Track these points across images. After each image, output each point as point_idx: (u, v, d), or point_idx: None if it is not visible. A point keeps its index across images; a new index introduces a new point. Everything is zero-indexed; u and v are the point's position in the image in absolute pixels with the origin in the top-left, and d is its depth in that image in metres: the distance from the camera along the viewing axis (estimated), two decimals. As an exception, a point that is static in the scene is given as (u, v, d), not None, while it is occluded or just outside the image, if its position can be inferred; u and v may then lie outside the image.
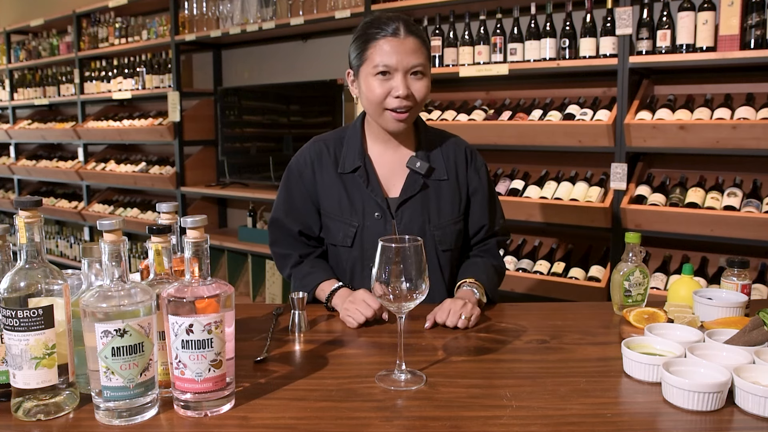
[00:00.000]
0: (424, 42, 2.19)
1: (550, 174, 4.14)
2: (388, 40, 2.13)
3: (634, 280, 2.09)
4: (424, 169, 2.26)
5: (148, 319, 1.35)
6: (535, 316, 2.17)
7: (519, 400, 1.46)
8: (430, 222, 2.28)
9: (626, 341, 1.66)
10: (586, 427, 1.34)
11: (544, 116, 3.94)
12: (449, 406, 1.44)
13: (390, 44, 2.13)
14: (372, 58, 2.15)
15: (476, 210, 2.38)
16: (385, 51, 2.13)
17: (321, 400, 1.47)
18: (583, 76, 4.08)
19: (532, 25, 3.96)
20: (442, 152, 2.33)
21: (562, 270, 3.91)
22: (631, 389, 1.54)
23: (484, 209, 2.38)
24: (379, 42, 2.14)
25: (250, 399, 1.48)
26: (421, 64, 2.15)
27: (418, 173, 2.27)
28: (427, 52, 2.20)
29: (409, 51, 2.13)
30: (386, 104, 2.17)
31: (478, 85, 4.53)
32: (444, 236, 2.30)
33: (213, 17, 5.85)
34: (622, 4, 3.58)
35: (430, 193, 2.29)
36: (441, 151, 2.33)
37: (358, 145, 2.29)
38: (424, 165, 2.26)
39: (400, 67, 2.13)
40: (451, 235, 2.31)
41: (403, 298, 1.51)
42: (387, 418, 1.38)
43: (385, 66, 2.13)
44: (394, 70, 2.13)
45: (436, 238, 2.29)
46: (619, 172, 3.65)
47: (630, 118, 3.58)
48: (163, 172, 6.31)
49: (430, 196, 2.29)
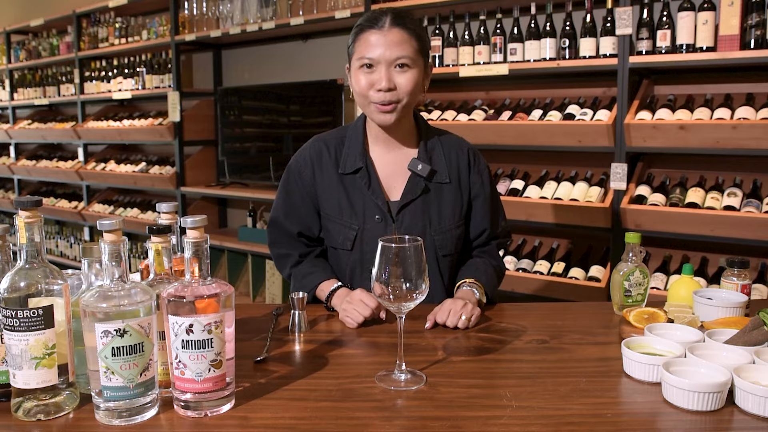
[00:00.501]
0: (413, 33, 2.14)
1: (550, 174, 4.14)
2: (372, 32, 2.12)
3: (634, 280, 2.09)
4: (425, 171, 2.24)
5: (148, 319, 1.35)
6: (535, 316, 2.17)
7: (519, 400, 1.46)
8: (431, 226, 2.26)
9: (626, 341, 1.66)
10: (586, 427, 1.34)
11: (544, 116, 3.95)
12: (449, 406, 1.44)
13: (374, 36, 2.12)
14: (358, 50, 2.15)
15: (478, 214, 2.35)
16: (369, 43, 2.12)
17: (321, 400, 1.47)
18: (583, 76, 4.08)
19: (532, 25, 3.96)
20: (445, 154, 2.30)
21: (562, 270, 3.91)
22: (631, 389, 1.54)
23: (485, 213, 2.35)
24: (365, 34, 2.14)
25: (250, 399, 1.48)
26: (406, 56, 2.11)
27: (420, 176, 2.25)
28: (418, 45, 2.15)
29: (393, 43, 2.10)
30: (370, 97, 2.15)
31: (478, 85, 4.53)
32: (444, 241, 2.28)
33: (213, 17, 5.85)
34: (622, 4, 3.58)
35: (432, 197, 2.27)
36: (443, 153, 2.30)
37: (360, 146, 2.26)
38: (425, 168, 2.23)
39: (382, 60, 2.11)
40: (451, 240, 2.29)
41: (402, 298, 1.51)
42: (387, 418, 1.39)
43: (369, 59, 2.12)
44: (377, 62, 2.12)
45: (436, 243, 2.26)
46: (619, 172, 3.65)
47: (630, 118, 3.58)
48: (163, 172, 6.32)
49: (431, 199, 2.27)
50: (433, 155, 2.29)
